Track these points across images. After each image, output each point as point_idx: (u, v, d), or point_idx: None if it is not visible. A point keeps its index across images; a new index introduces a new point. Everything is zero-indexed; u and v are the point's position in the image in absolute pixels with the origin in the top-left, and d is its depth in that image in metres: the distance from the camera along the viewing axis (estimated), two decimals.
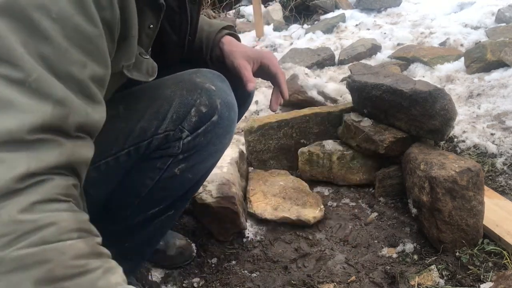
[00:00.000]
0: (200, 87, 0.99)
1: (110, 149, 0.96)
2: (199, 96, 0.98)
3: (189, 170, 1.04)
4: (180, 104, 0.98)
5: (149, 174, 1.02)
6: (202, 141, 1.01)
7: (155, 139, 0.98)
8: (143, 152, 0.99)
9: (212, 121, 1.00)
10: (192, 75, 1.02)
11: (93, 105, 0.71)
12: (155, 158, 1.01)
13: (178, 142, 0.99)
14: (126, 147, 0.97)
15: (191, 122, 0.98)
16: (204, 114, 0.99)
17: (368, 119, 1.76)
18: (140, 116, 0.97)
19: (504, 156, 1.75)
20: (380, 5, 4.33)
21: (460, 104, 2.23)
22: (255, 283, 1.39)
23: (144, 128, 0.97)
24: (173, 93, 0.99)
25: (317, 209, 1.63)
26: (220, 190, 1.56)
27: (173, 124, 0.98)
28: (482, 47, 2.59)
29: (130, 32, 0.81)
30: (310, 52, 3.22)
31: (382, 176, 1.69)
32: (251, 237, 1.57)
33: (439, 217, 1.35)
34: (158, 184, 1.03)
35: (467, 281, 1.26)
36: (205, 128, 1.00)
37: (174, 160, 1.01)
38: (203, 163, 1.07)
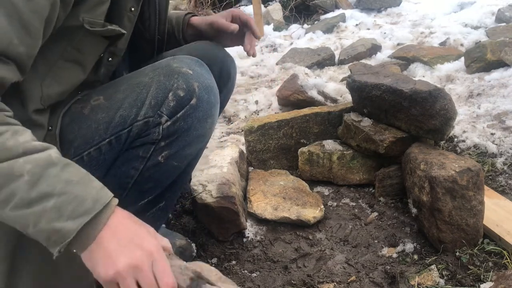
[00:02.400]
0: (177, 71, 1.00)
1: (92, 140, 0.97)
2: (176, 80, 0.99)
3: (173, 157, 1.04)
4: (158, 90, 0.98)
5: (133, 164, 1.02)
6: (182, 126, 1.01)
7: (135, 126, 0.98)
8: (125, 141, 0.99)
9: (191, 105, 1.00)
10: (169, 61, 1.03)
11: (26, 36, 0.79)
12: (137, 147, 1.01)
13: (157, 127, 0.99)
14: (107, 136, 0.98)
15: (169, 107, 0.98)
16: (182, 98, 0.99)
17: (368, 119, 1.75)
18: (120, 105, 0.98)
19: (504, 156, 1.75)
20: (380, 5, 4.33)
21: (460, 104, 2.23)
22: (255, 283, 1.39)
23: (124, 116, 0.98)
24: (151, 79, 1.00)
25: (317, 209, 1.63)
26: (220, 190, 1.56)
27: (152, 110, 0.98)
28: (482, 47, 2.59)
29: None
30: (310, 52, 3.21)
31: (382, 176, 1.69)
32: (251, 237, 1.57)
33: (439, 217, 1.35)
34: (144, 174, 1.03)
35: (467, 281, 1.26)
36: (184, 112, 1.00)
37: (156, 147, 1.01)
38: (186, 148, 1.06)
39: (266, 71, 3.12)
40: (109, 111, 0.98)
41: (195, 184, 1.61)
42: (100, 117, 0.97)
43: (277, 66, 3.15)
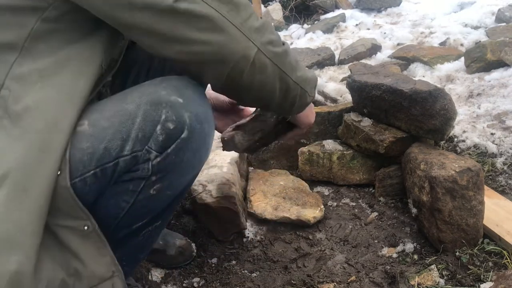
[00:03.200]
0: (165, 100, 0.90)
1: (76, 170, 0.89)
2: (165, 111, 0.89)
3: (166, 188, 0.97)
4: (145, 121, 0.89)
5: (123, 197, 0.96)
6: (174, 160, 0.93)
7: (122, 161, 0.90)
8: (111, 174, 0.92)
9: (182, 138, 0.91)
10: (157, 87, 0.93)
11: None
12: (127, 181, 0.94)
13: (147, 163, 0.91)
14: (92, 168, 0.89)
15: (158, 141, 0.90)
16: (172, 131, 0.90)
17: (368, 119, 1.75)
18: (104, 135, 0.89)
19: (504, 156, 1.75)
20: (380, 5, 4.33)
21: (460, 104, 2.23)
22: (255, 283, 1.39)
23: (108, 148, 0.89)
24: (137, 108, 0.90)
25: (317, 209, 1.63)
26: (220, 190, 1.56)
27: (139, 144, 0.90)
28: (482, 47, 2.59)
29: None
30: (310, 51, 3.21)
31: (382, 176, 1.69)
32: (251, 237, 1.57)
33: (439, 217, 1.35)
34: (136, 205, 0.97)
35: (467, 281, 1.26)
36: (176, 146, 0.91)
37: (147, 183, 0.94)
38: (180, 179, 0.99)
39: None
40: (94, 141, 0.89)
41: (195, 184, 1.61)
42: (85, 147, 0.89)
43: None
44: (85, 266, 0.89)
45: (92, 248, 0.90)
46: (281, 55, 0.97)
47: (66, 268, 0.88)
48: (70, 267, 0.89)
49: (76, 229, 0.89)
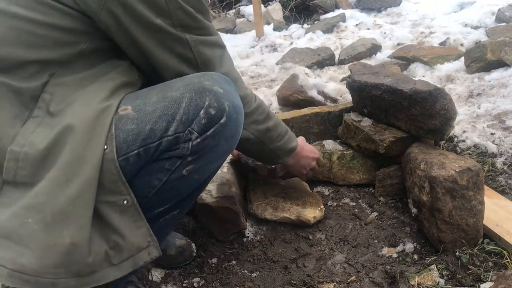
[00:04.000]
0: (208, 89, 1.02)
1: (120, 150, 0.98)
2: (208, 98, 1.01)
3: (196, 171, 1.07)
4: (189, 106, 1.01)
5: (157, 175, 1.05)
6: (210, 143, 1.04)
7: (165, 140, 1.01)
8: (153, 154, 1.02)
9: (220, 123, 1.03)
10: (201, 78, 1.05)
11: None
12: (164, 159, 1.04)
13: (187, 143, 1.02)
14: (136, 148, 1.00)
15: (200, 124, 1.01)
16: (213, 116, 1.02)
17: (368, 119, 1.75)
18: (150, 118, 1.00)
19: (504, 156, 1.75)
20: (380, 4, 4.33)
21: (460, 103, 2.23)
22: (255, 283, 1.39)
23: (154, 129, 1.00)
24: (182, 95, 1.01)
25: (317, 209, 1.63)
26: (220, 190, 1.56)
27: (182, 126, 1.01)
28: (482, 47, 2.59)
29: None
30: (310, 51, 3.21)
31: (382, 176, 1.69)
32: (251, 237, 1.57)
33: (439, 217, 1.35)
34: (166, 185, 1.06)
35: (467, 280, 1.26)
36: (214, 130, 1.03)
37: (183, 162, 1.04)
38: (210, 164, 1.11)
39: (266, 71, 3.11)
40: (139, 123, 1.00)
41: None
42: (130, 128, 0.99)
43: (277, 66, 3.15)
44: (124, 239, 0.98)
45: (130, 221, 0.99)
46: (262, 131, 1.32)
47: (107, 241, 0.98)
48: (110, 240, 0.98)
49: (116, 204, 0.98)
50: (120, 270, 0.99)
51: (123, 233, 0.98)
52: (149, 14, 1.01)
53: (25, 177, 0.94)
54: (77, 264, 0.93)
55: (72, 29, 1.01)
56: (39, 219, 0.91)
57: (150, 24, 1.03)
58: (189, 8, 1.05)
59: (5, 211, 0.93)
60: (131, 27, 1.02)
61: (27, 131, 0.96)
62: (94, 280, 0.96)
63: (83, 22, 1.01)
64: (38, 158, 0.94)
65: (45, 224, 0.91)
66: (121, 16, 1.01)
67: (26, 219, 0.91)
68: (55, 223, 0.92)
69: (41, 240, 0.91)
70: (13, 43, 0.99)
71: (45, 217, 0.92)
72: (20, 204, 0.93)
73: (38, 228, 0.91)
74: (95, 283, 0.96)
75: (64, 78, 1.02)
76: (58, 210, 0.92)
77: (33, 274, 0.90)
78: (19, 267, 0.90)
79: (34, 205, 0.92)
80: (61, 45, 1.01)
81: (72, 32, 1.01)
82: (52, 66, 1.01)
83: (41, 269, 0.90)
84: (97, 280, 0.96)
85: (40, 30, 0.99)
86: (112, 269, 0.98)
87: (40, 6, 0.99)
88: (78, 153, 0.94)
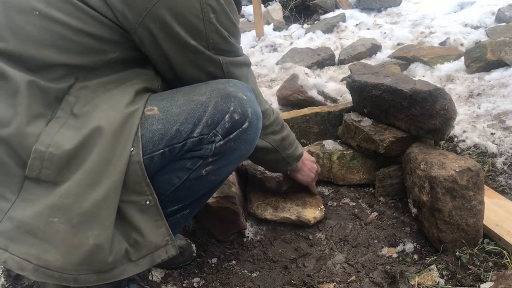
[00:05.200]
0: (233, 95, 1.08)
1: (145, 149, 1.01)
2: (233, 104, 1.07)
3: (214, 172, 1.13)
4: (215, 110, 1.06)
5: (178, 173, 1.10)
6: (231, 146, 1.10)
7: (189, 142, 1.05)
8: (176, 154, 1.06)
9: (243, 128, 1.09)
10: (226, 84, 1.10)
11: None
12: (187, 159, 1.08)
13: (211, 145, 1.07)
14: (161, 147, 1.04)
15: (225, 128, 1.07)
16: (237, 121, 1.08)
17: (368, 118, 1.75)
18: (176, 119, 1.04)
19: (504, 156, 1.75)
20: (380, 4, 4.33)
21: (460, 103, 2.23)
22: (255, 283, 1.39)
23: (180, 130, 1.04)
24: (208, 99, 1.06)
25: (317, 209, 1.63)
26: (220, 190, 1.56)
27: (207, 129, 1.06)
28: (482, 47, 2.59)
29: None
30: (310, 51, 3.21)
31: (382, 176, 1.69)
32: (251, 237, 1.57)
33: (439, 217, 1.35)
34: (184, 184, 1.11)
35: (467, 280, 1.26)
36: (236, 134, 1.09)
37: (204, 162, 1.09)
38: (228, 166, 1.16)
39: (266, 71, 3.11)
40: (166, 124, 1.04)
41: None
42: (156, 128, 1.03)
43: (277, 66, 3.15)
44: (144, 238, 1.02)
45: (150, 221, 1.03)
46: (278, 141, 1.40)
47: (127, 239, 1.02)
48: (131, 238, 1.02)
49: (138, 203, 1.01)
50: (138, 266, 1.03)
51: (143, 232, 1.02)
52: (185, 35, 1.06)
53: (49, 176, 0.96)
54: (99, 262, 0.97)
55: (105, 38, 1.04)
56: (65, 220, 0.95)
57: (185, 45, 1.07)
58: (224, 32, 1.10)
59: (29, 207, 0.95)
60: (165, 44, 1.06)
61: (52, 131, 0.98)
62: (113, 276, 1.01)
63: (118, 33, 1.04)
64: (64, 159, 0.96)
65: (71, 225, 0.95)
66: (157, 33, 1.04)
67: (52, 218, 0.95)
68: (81, 224, 0.95)
69: (66, 239, 0.95)
70: (46, 44, 1.00)
71: (71, 218, 0.95)
72: (46, 203, 0.95)
73: (63, 228, 0.95)
74: (114, 278, 1.01)
75: (88, 82, 1.04)
76: (84, 212, 0.95)
77: (57, 270, 0.95)
78: (44, 263, 0.94)
79: (60, 205, 0.95)
80: (92, 52, 1.04)
81: (104, 41, 1.04)
82: (80, 71, 1.04)
83: (65, 266, 0.95)
84: (116, 275, 1.01)
85: (74, 36, 1.01)
86: (131, 265, 1.02)
87: (78, 12, 1.00)
88: (106, 156, 0.97)
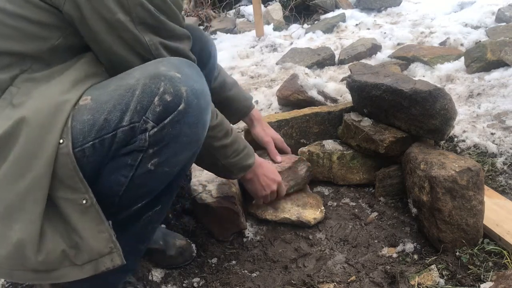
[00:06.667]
0: (163, 74, 0.96)
1: (76, 141, 0.94)
2: (163, 84, 0.95)
3: (164, 164, 1.01)
4: (143, 93, 0.94)
5: (122, 171, 1.00)
6: (171, 132, 0.97)
7: (120, 131, 0.95)
8: (109, 146, 0.96)
9: (179, 111, 0.96)
10: (158, 63, 1.00)
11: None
12: (125, 154, 0.98)
13: (143, 134, 0.96)
14: (91, 139, 0.95)
15: (155, 112, 0.95)
16: (169, 103, 0.95)
17: (368, 118, 1.75)
18: (105, 107, 0.95)
19: (504, 156, 1.75)
20: (380, 4, 4.33)
21: (460, 103, 2.23)
22: (255, 283, 1.39)
23: (108, 120, 0.94)
24: (137, 82, 0.96)
25: (317, 210, 1.62)
26: (220, 190, 1.56)
27: (137, 115, 0.95)
28: (482, 47, 2.59)
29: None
30: (310, 51, 3.21)
31: (382, 176, 1.69)
32: (251, 237, 1.57)
33: (439, 217, 1.35)
34: (135, 181, 1.01)
35: (467, 280, 1.26)
36: (172, 118, 0.96)
37: (144, 155, 0.98)
38: (178, 155, 1.03)
39: (266, 71, 3.12)
40: (95, 113, 0.95)
41: (195, 184, 1.61)
42: (86, 119, 0.95)
43: (277, 66, 3.15)
44: (83, 241, 0.95)
45: (91, 224, 0.95)
46: (216, 148, 1.28)
47: (67, 240, 0.95)
48: (72, 239, 0.95)
49: (76, 202, 0.94)
50: (83, 271, 0.96)
51: (82, 235, 0.94)
52: (112, 6, 0.97)
53: None
54: (28, 259, 0.92)
55: (44, 23, 0.98)
56: None
57: (112, 20, 0.99)
58: (149, 6, 1.01)
59: None
60: (92, 20, 0.98)
61: None
62: (53, 277, 0.95)
63: (56, 16, 0.99)
64: None
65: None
66: (83, 7, 0.97)
67: None
68: (7, 215, 0.92)
69: None
70: None
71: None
72: None
73: None
74: (54, 280, 0.96)
75: (35, 74, 1.00)
76: (9, 204, 0.91)
77: None
78: None
79: None
80: (32, 39, 0.99)
81: (44, 26, 0.99)
82: (25, 61, 0.99)
83: None
84: (57, 277, 0.95)
85: (11, 21, 0.97)
86: (75, 269, 0.96)
87: None
88: (30, 148, 0.91)
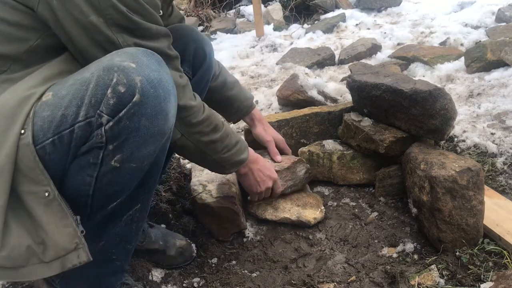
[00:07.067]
0: (117, 65, 0.92)
1: (37, 138, 0.93)
2: (116, 75, 0.91)
3: (129, 160, 0.96)
4: (97, 86, 0.91)
5: (86, 171, 0.96)
6: (128, 126, 0.93)
7: (77, 127, 0.92)
8: (68, 143, 0.93)
9: (134, 102, 0.91)
10: (113, 55, 0.96)
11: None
12: (86, 153, 0.95)
13: (99, 129, 0.92)
14: (50, 136, 0.93)
15: (109, 105, 0.91)
16: (123, 94, 0.90)
17: (368, 118, 1.75)
18: (62, 103, 0.93)
19: (504, 156, 1.75)
20: (380, 4, 4.33)
21: (460, 103, 2.23)
22: (255, 283, 1.39)
23: (65, 115, 0.92)
24: (91, 75, 0.92)
25: (317, 210, 1.62)
26: (220, 190, 1.56)
27: (92, 109, 0.91)
28: (482, 47, 2.59)
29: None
30: (310, 51, 3.22)
31: (382, 176, 1.69)
32: (251, 237, 1.57)
33: (439, 217, 1.35)
34: (102, 180, 0.97)
35: (467, 280, 1.26)
36: (128, 111, 0.91)
37: (105, 152, 0.94)
38: (142, 149, 0.97)
39: (266, 71, 3.12)
40: (53, 109, 0.93)
41: (195, 184, 1.61)
42: (46, 115, 0.93)
43: (277, 66, 3.15)
44: (48, 236, 0.92)
45: (55, 217, 0.92)
46: (205, 143, 1.27)
47: (33, 236, 0.92)
48: (39, 235, 0.92)
49: (39, 195, 0.92)
50: (50, 268, 0.93)
51: (46, 229, 0.92)
52: (85, 8, 0.96)
53: None
54: None
55: (22, 24, 0.99)
56: None
57: (84, 22, 0.97)
58: (121, 7, 0.98)
59: None
60: (65, 22, 0.97)
61: None
62: (21, 275, 0.93)
63: (32, 18, 0.99)
64: None
65: None
66: (57, 9, 0.96)
67: None
68: None
69: None
70: None
71: None
72: None
73: None
74: (23, 278, 0.95)
75: (13, 75, 1.00)
76: None
77: None
78: None
79: None
80: (11, 40, 0.99)
81: (21, 28, 0.99)
82: (5, 62, 1.00)
83: None
84: (25, 275, 0.94)
85: None
86: (43, 267, 0.93)
87: None
88: None
